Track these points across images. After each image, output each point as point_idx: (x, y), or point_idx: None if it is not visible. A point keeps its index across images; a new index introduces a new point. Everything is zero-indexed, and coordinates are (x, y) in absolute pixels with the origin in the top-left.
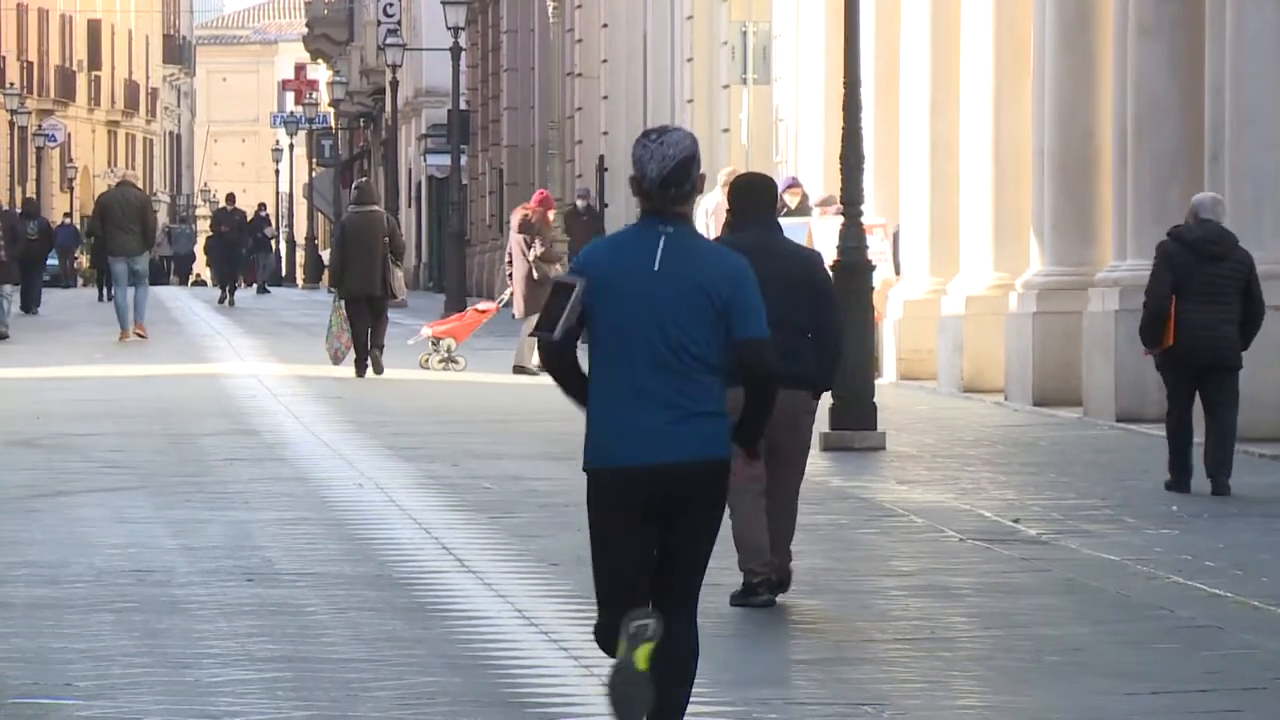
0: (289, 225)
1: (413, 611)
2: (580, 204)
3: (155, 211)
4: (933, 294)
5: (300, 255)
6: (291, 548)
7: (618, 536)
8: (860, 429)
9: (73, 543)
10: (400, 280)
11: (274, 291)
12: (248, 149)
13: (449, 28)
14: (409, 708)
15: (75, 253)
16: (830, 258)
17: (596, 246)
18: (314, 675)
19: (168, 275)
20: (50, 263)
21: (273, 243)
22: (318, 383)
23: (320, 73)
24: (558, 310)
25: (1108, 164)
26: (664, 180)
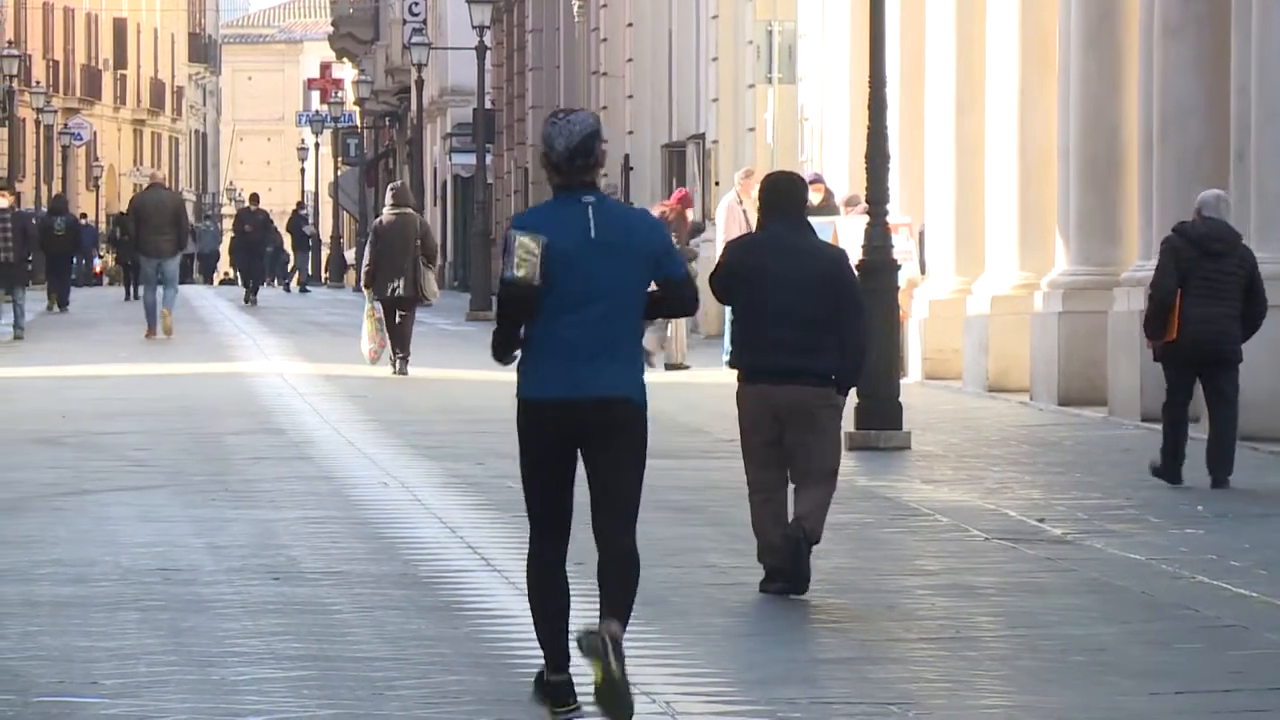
0: (314, 224)
1: (438, 610)
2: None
3: (188, 213)
4: (958, 293)
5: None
6: (317, 546)
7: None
8: (885, 428)
9: (98, 541)
10: (432, 281)
11: (308, 290)
12: (273, 148)
13: (474, 26)
14: (434, 706)
15: (97, 252)
16: (855, 257)
17: (527, 221)
18: (339, 674)
19: (192, 274)
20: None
21: (310, 240)
22: (343, 381)
23: (345, 71)
24: (517, 310)
25: (1133, 163)
26: (571, 153)
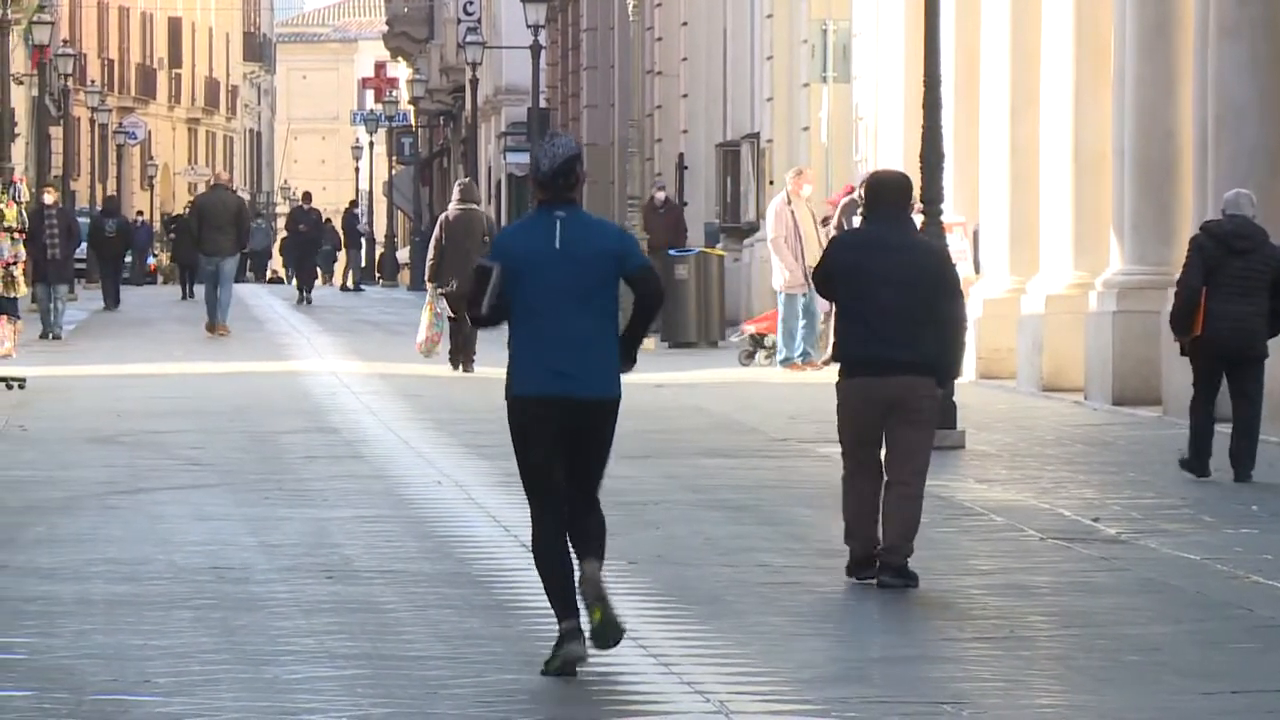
0: (369, 223)
1: (491, 609)
2: (659, 196)
3: (249, 214)
4: (1012, 293)
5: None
6: (370, 545)
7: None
8: (940, 428)
9: (152, 540)
10: None
11: (362, 289)
12: (328, 146)
13: (529, 25)
14: (488, 705)
15: (153, 250)
16: None
17: (506, 233)
18: (393, 673)
19: (244, 272)
20: (125, 259)
21: (363, 239)
22: (397, 380)
23: (400, 70)
24: (479, 292)
25: (1188, 164)
26: (554, 173)
